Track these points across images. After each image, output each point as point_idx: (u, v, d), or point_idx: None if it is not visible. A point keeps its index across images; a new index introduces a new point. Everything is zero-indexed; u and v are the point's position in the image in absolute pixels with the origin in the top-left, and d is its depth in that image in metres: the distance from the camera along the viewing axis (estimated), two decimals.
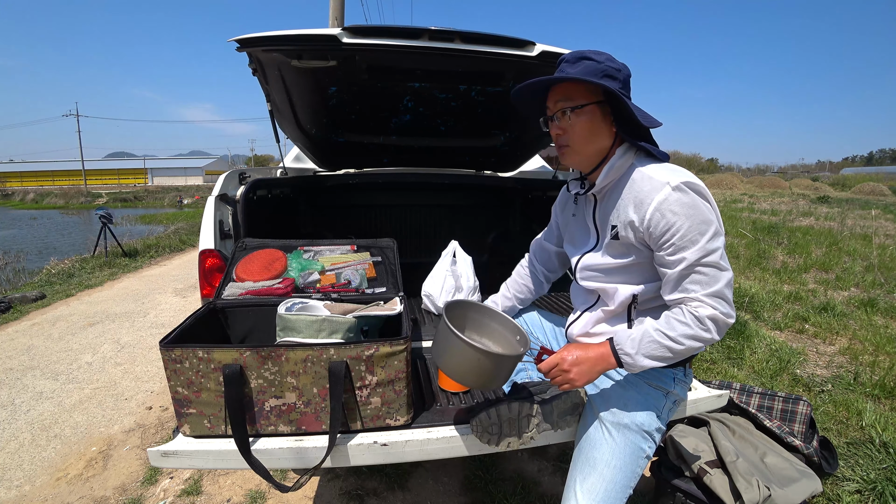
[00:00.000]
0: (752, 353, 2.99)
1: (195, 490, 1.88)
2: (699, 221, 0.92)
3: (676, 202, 0.92)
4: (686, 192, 0.92)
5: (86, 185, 44.06)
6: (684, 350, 0.96)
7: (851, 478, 1.80)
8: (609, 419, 1.06)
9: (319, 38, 1.38)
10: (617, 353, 0.99)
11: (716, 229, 0.93)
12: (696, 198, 0.93)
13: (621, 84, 0.98)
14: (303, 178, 2.45)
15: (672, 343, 0.95)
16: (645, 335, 0.97)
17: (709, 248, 0.92)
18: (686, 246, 0.93)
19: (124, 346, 3.43)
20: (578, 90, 1.01)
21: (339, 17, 6.55)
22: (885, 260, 5.65)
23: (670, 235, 0.93)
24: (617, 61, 0.99)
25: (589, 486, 1.01)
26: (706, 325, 0.93)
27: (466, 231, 3.07)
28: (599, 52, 1.00)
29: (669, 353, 0.96)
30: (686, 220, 0.92)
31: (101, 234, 7.19)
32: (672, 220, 0.92)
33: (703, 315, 0.93)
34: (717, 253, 0.93)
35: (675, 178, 0.94)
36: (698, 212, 0.92)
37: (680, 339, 0.94)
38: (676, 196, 0.92)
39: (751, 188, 25.87)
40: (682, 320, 0.95)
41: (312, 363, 1.03)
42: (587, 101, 1.00)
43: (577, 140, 1.03)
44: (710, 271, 0.93)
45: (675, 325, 0.95)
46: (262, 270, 1.47)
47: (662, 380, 1.09)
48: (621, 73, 0.99)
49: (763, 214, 11.06)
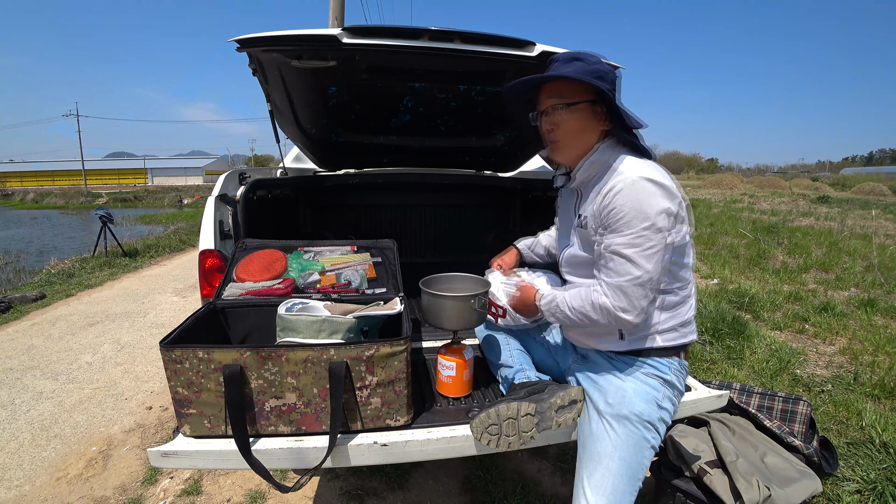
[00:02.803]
0: (752, 353, 2.99)
1: (195, 490, 1.88)
2: (637, 213, 0.95)
3: (629, 189, 0.97)
4: (642, 184, 0.96)
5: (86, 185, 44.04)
6: (584, 322, 1.06)
7: (851, 478, 1.80)
8: (608, 412, 1.07)
9: (319, 39, 1.38)
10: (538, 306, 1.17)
11: (649, 227, 0.95)
12: (649, 193, 0.96)
13: (610, 85, 1.03)
14: (303, 178, 2.45)
15: (570, 314, 1.07)
16: (555, 300, 1.11)
17: (632, 241, 0.96)
18: (618, 229, 0.98)
19: (124, 346, 3.43)
20: (571, 89, 1.06)
21: (339, 17, 6.55)
22: (885, 260, 5.65)
23: (611, 218, 0.99)
24: (605, 63, 1.05)
25: (596, 482, 1.02)
26: (597, 311, 1.02)
27: (466, 231, 3.06)
28: (591, 53, 1.06)
29: (573, 321, 1.08)
30: (627, 208, 0.96)
31: (101, 234, 7.19)
32: (617, 204, 0.97)
33: (596, 301, 1.01)
34: (638, 249, 0.96)
35: (641, 171, 0.98)
36: (641, 205, 0.95)
37: (577, 313, 1.06)
38: (632, 185, 0.97)
39: (751, 188, 25.87)
40: (583, 297, 1.04)
41: (313, 363, 1.03)
42: (580, 99, 1.05)
43: (566, 136, 1.09)
44: (621, 263, 0.98)
45: (576, 300, 1.06)
46: (262, 271, 1.47)
47: (658, 368, 1.10)
48: (610, 74, 1.04)
49: (763, 214, 11.07)
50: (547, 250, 1.51)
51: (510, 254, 1.53)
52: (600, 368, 1.15)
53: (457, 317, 1.24)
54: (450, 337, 1.32)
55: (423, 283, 1.29)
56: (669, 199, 0.98)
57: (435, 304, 1.25)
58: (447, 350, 1.28)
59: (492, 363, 1.42)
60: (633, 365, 1.10)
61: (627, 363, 1.11)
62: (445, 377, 1.28)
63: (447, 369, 1.27)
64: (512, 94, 1.15)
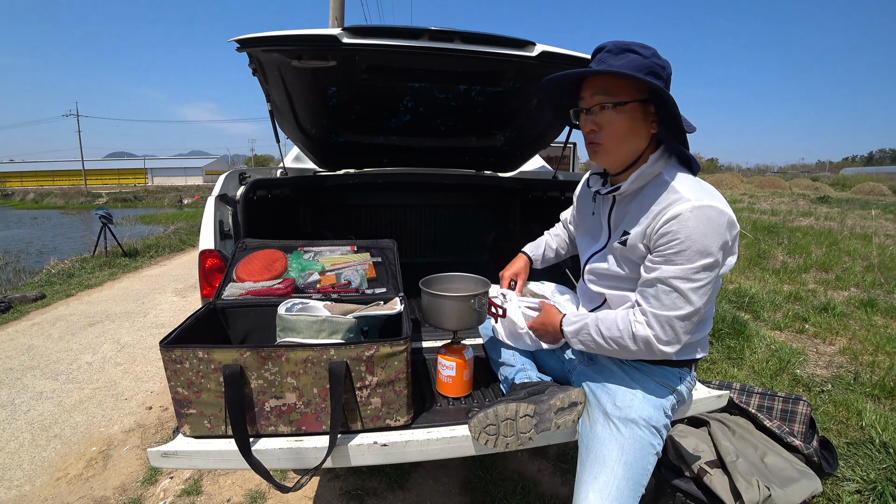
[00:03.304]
0: (752, 353, 2.99)
1: (195, 490, 1.88)
2: (699, 248, 0.88)
3: (693, 218, 0.88)
4: (708, 214, 0.88)
5: (86, 185, 44.04)
6: (615, 349, 1.00)
7: (851, 478, 1.80)
8: (617, 415, 1.04)
9: (319, 39, 1.38)
10: (563, 331, 1.10)
11: (709, 264, 0.89)
12: (715, 224, 0.88)
13: (664, 83, 0.92)
14: (303, 178, 2.45)
15: (603, 342, 1.01)
16: (584, 327, 1.05)
17: (689, 276, 0.89)
18: (672, 260, 0.90)
19: (124, 346, 3.43)
20: (620, 85, 0.94)
21: (339, 17, 6.55)
22: (885, 260, 5.64)
23: (666, 246, 0.91)
24: (662, 58, 0.93)
25: (601, 485, 0.98)
26: (637, 343, 0.96)
27: (466, 231, 3.07)
28: (645, 45, 0.93)
29: (603, 348, 1.02)
30: (688, 240, 0.88)
31: (101, 234, 7.19)
32: (677, 232, 0.89)
33: (638, 333, 0.95)
34: (694, 284, 0.89)
35: (703, 198, 0.90)
36: (705, 238, 0.88)
37: (610, 342, 1.00)
38: (695, 215, 0.88)
39: (751, 188, 25.86)
40: (621, 327, 0.98)
41: (313, 364, 1.03)
42: (630, 99, 0.93)
43: (611, 138, 0.97)
44: (673, 297, 0.91)
45: (613, 329, 0.99)
46: (262, 271, 1.47)
47: (668, 377, 1.09)
48: (665, 70, 0.93)
49: (763, 214, 11.06)
50: (556, 252, 1.46)
51: (521, 263, 1.43)
52: (609, 371, 1.13)
53: (457, 317, 1.24)
54: (450, 337, 1.32)
55: (423, 283, 1.29)
56: (732, 230, 0.91)
57: (435, 304, 1.25)
58: (447, 350, 1.28)
59: (493, 361, 1.41)
60: (644, 371, 1.09)
61: (638, 368, 1.09)
62: (445, 377, 1.28)
63: (447, 369, 1.27)
64: (549, 87, 1.01)
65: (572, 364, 1.29)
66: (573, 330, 1.07)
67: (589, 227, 1.21)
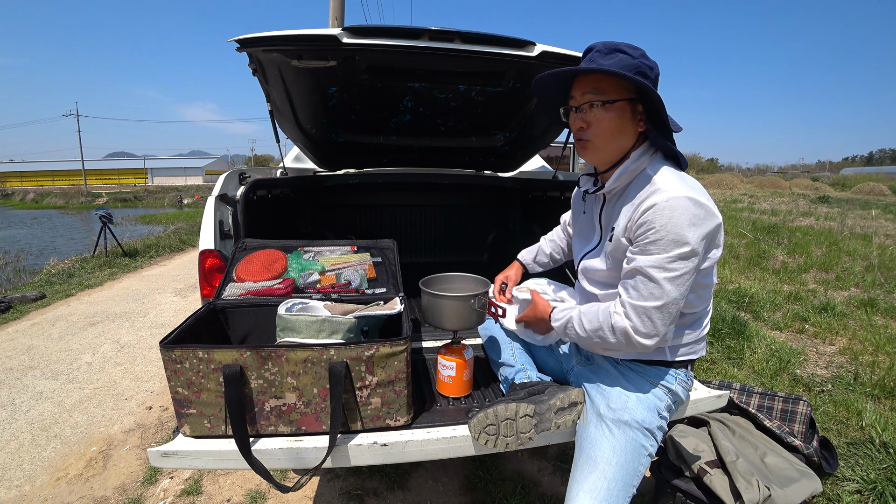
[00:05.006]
0: (752, 353, 2.99)
1: (195, 490, 1.88)
2: (674, 236, 0.88)
3: (668, 208, 0.89)
4: (683, 204, 0.89)
5: (86, 185, 44.05)
6: (599, 343, 1.02)
7: (851, 478, 1.80)
8: (610, 416, 1.05)
9: (319, 38, 1.38)
10: (551, 323, 1.13)
11: (685, 253, 0.89)
12: (690, 214, 0.89)
13: (652, 83, 0.94)
14: (303, 178, 2.45)
15: (585, 335, 1.03)
16: (570, 321, 1.07)
17: (664, 265, 0.90)
18: (648, 250, 0.91)
19: (124, 346, 3.43)
20: (609, 83, 0.96)
21: (339, 17, 6.55)
22: (885, 260, 5.64)
23: (643, 236, 0.92)
24: (650, 59, 0.95)
25: (591, 485, 0.99)
26: (616, 335, 0.97)
27: (466, 231, 3.07)
28: (634, 46, 0.96)
29: (588, 342, 1.05)
30: (662, 230, 0.89)
31: (101, 233, 7.19)
32: (652, 222, 0.90)
33: (617, 325, 0.96)
34: (669, 274, 0.90)
35: (681, 189, 0.91)
36: (680, 228, 0.88)
37: (592, 334, 1.02)
38: (670, 205, 0.89)
39: (751, 188, 25.87)
40: (601, 319, 1.00)
41: (312, 364, 1.03)
42: (619, 97, 0.96)
43: (600, 135, 0.99)
44: (648, 286, 0.91)
45: (594, 321, 1.01)
46: (262, 271, 1.47)
47: (664, 378, 1.09)
48: (653, 71, 0.95)
49: (763, 214, 11.06)
50: (551, 256, 1.47)
51: (513, 269, 1.45)
52: (605, 372, 1.13)
53: (457, 317, 1.24)
54: (450, 337, 1.32)
55: (423, 283, 1.29)
56: (710, 221, 0.90)
57: (435, 304, 1.25)
58: (447, 350, 1.28)
59: (493, 361, 1.41)
60: (638, 372, 1.09)
61: (633, 369, 1.10)
62: (445, 377, 1.28)
63: (447, 369, 1.27)
64: (541, 86, 1.04)
65: (571, 364, 1.29)
66: (561, 325, 1.10)
67: (582, 228, 1.22)
